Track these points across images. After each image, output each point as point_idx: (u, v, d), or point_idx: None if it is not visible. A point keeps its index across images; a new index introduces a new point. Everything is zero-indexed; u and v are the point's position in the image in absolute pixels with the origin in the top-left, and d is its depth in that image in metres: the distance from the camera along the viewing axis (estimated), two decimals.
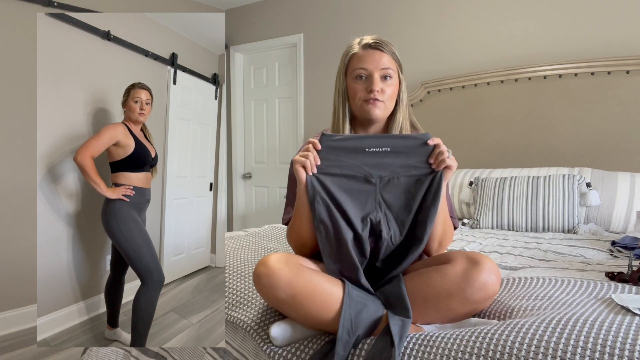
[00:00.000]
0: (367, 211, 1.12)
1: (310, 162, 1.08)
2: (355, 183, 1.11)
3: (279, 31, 3.84)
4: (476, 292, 1.01)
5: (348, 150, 1.10)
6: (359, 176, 1.11)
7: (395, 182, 1.12)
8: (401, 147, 1.10)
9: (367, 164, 1.11)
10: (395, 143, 1.10)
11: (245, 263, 1.51)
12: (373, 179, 1.11)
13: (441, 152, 1.08)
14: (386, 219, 1.12)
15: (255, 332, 1.11)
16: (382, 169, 1.11)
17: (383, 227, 1.11)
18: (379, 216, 1.11)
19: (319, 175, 1.10)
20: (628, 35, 2.45)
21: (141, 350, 1.52)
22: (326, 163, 1.10)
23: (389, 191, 1.12)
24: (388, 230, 1.12)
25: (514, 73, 2.73)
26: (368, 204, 1.12)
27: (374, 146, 1.10)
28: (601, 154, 2.50)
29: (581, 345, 0.80)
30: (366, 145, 1.10)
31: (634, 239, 1.75)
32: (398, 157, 1.11)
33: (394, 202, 1.12)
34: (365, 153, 1.10)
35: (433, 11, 3.08)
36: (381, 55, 1.20)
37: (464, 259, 1.04)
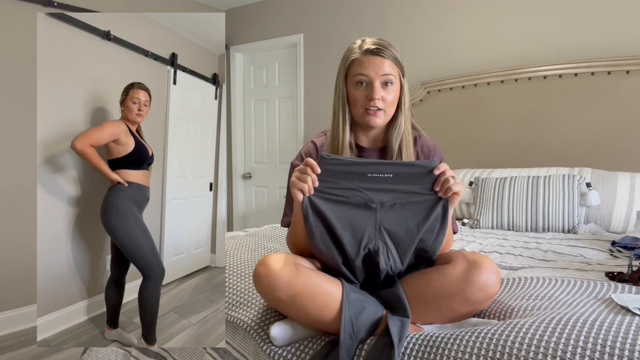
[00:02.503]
0: (366, 239, 1.06)
1: (308, 186, 1.04)
2: (353, 208, 1.05)
3: (279, 31, 3.84)
4: (476, 292, 1.01)
5: (348, 175, 1.05)
6: (359, 201, 1.05)
7: (398, 208, 1.06)
8: (405, 174, 1.05)
9: (368, 188, 1.05)
10: (399, 170, 1.05)
11: (245, 263, 1.51)
12: (374, 205, 1.06)
13: (447, 180, 1.04)
14: (386, 248, 1.06)
15: (255, 332, 1.11)
16: (384, 195, 1.05)
17: (381, 257, 1.06)
18: (378, 244, 1.06)
19: (314, 199, 1.05)
20: (628, 35, 2.45)
21: (141, 350, 1.52)
22: (324, 185, 1.05)
23: (391, 218, 1.06)
24: (387, 260, 1.07)
25: (514, 73, 2.73)
26: (367, 231, 1.06)
27: (377, 172, 1.04)
28: (601, 154, 2.50)
29: (581, 345, 0.80)
30: (368, 171, 1.04)
31: (634, 239, 1.75)
32: (401, 183, 1.05)
33: (396, 230, 1.06)
34: (366, 178, 1.05)
35: (433, 11, 3.08)
36: (382, 61, 1.17)
37: (464, 259, 1.04)
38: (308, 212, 1.05)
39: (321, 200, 1.05)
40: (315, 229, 1.06)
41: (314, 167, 1.05)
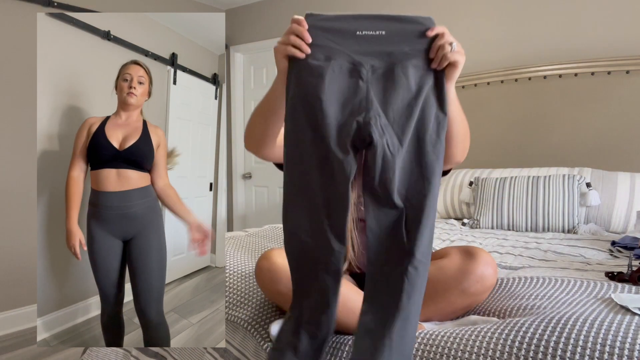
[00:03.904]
0: (355, 109, 0.87)
1: (298, 48, 0.87)
2: (341, 78, 0.89)
3: (279, 31, 3.84)
4: (473, 284, 1.01)
5: (335, 33, 0.89)
6: (347, 67, 0.89)
7: (390, 75, 0.88)
8: (399, 32, 0.89)
9: (357, 51, 0.89)
10: (391, 27, 0.89)
11: (245, 263, 1.51)
12: (364, 70, 0.89)
13: (442, 46, 0.86)
14: (378, 119, 0.87)
15: (255, 331, 1.11)
16: (375, 58, 0.89)
17: (374, 129, 0.86)
18: (368, 117, 0.86)
19: (303, 66, 0.88)
20: (628, 35, 2.45)
21: (141, 350, 1.52)
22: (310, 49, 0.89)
23: (383, 87, 0.89)
24: (381, 133, 0.86)
25: (514, 73, 2.73)
26: (354, 102, 0.88)
27: (367, 29, 0.89)
28: (601, 154, 2.50)
29: (581, 344, 0.80)
30: (357, 27, 0.89)
31: (634, 239, 1.75)
32: (394, 43, 0.89)
33: (390, 100, 0.88)
34: (356, 37, 0.89)
35: (433, 11, 3.08)
36: None
37: (459, 251, 1.06)
38: (290, 83, 0.89)
39: (304, 69, 0.89)
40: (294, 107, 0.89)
41: (300, 22, 0.87)
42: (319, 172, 0.88)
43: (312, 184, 0.89)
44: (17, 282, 2.58)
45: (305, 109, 0.88)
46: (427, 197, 0.87)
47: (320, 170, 0.88)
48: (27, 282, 2.63)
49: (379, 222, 0.88)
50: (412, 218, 0.88)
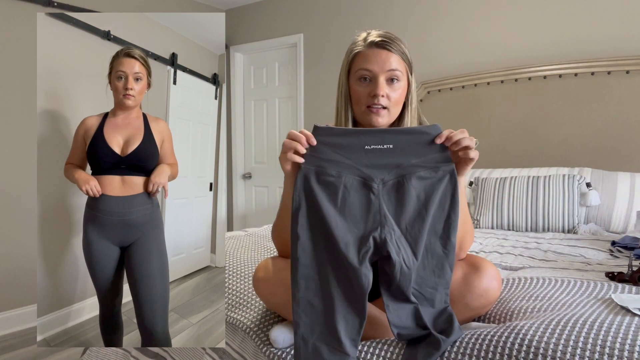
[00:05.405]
0: (369, 227, 0.90)
1: (299, 150, 0.92)
2: (352, 192, 0.92)
3: (279, 31, 3.84)
4: (476, 298, 0.98)
5: (345, 148, 0.93)
6: (358, 181, 0.92)
7: (400, 187, 0.92)
8: (406, 144, 0.93)
9: (367, 165, 0.93)
10: (399, 140, 0.93)
11: (245, 263, 1.51)
12: (374, 184, 0.92)
13: (457, 143, 0.92)
14: (393, 237, 0.90)
15: (255, 335, 1.10)
16: (385, 171, 0.92)
17: (391, 246, 0.89)
18: (384, 233, 0.90)
19: (309, 175, 0.93)
20: (628, 35, 2.45)
21: (141, 350, 1.52)
22: (317, 162, 0.93)
23: (394, 198, 0.92)
24: (398, 250, 0.89)
25: (514, 73, 2.72)
26: (369, 218, 0.91)
27: (375, 143, 0.93)
28: (601, 154, 2.49)
29: (580, 346, 0.79)
30: (366, 142, 0.93)
31: (634, 239, 1.75)
32: (403, 155, 0.93)
33: (401, 211, 0.92)
34: (364, 151, 0.93)
35: (433, 11, 3.08)
36: (388, 55, 1.06)
37: (464, 263, 1.02)
38: (298, 189, 0.92)
39: (315, 183, 0.92)
40: (301, 209, 0.92)
41: (309, 138, 0.93)
42: (337, 282, 0.91)
43: (327, 290, 0.91)
44: (17, 282, 2.58)
45: (317, 221, 0.92)
46: (437, 290, 0.94)
47: (337, 279, 0.91)
48: (27, 283, 2.63)
49: (399, 317, 0.92)
50: (424, 308, 0.94)
